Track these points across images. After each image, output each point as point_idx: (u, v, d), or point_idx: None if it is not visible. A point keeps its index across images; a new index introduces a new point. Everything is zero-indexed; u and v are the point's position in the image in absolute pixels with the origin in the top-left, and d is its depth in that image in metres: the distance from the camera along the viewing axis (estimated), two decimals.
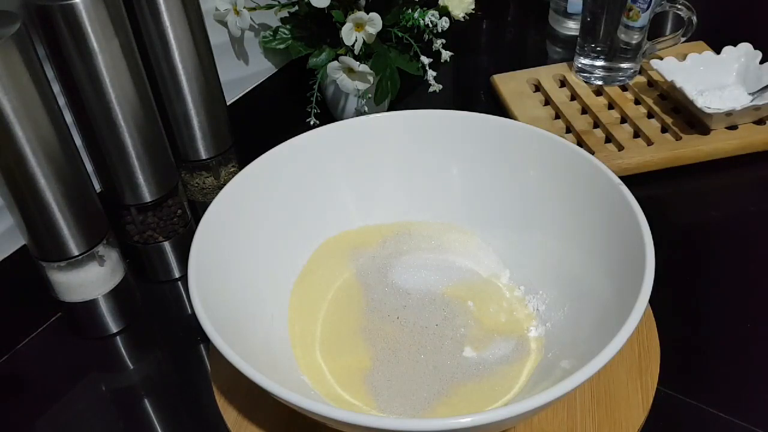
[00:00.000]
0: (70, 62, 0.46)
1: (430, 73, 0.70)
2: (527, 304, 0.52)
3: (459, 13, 0.73)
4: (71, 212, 0.48)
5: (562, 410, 0.45)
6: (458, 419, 0.35)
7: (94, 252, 0.51)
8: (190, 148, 0.60)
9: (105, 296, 0.53)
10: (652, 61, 0.72)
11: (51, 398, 0.51)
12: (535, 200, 0.53)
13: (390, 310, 0.53)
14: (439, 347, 0.49)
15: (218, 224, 0.48)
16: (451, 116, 0.56)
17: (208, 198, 0.62)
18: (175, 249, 0.58)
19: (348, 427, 0.38)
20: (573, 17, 0.88)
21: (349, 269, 0.56)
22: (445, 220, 0.57)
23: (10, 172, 0.45)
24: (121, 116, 0.50)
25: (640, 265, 0.41)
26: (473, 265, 0.55)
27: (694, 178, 0.66)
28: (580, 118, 0.72)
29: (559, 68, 0.79)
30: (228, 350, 0.39)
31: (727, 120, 0.67)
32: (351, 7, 0.66)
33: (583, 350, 0.42)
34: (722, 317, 0.53)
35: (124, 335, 0.55)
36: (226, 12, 0.65)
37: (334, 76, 0.66)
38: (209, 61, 0.57)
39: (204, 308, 0.41)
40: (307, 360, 0.49)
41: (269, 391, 0.37)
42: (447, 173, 0.57)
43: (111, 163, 0.52)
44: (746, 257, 0.58)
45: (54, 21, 0.45)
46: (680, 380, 0.48)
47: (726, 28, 0.86)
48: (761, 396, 0.47)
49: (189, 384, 0.52)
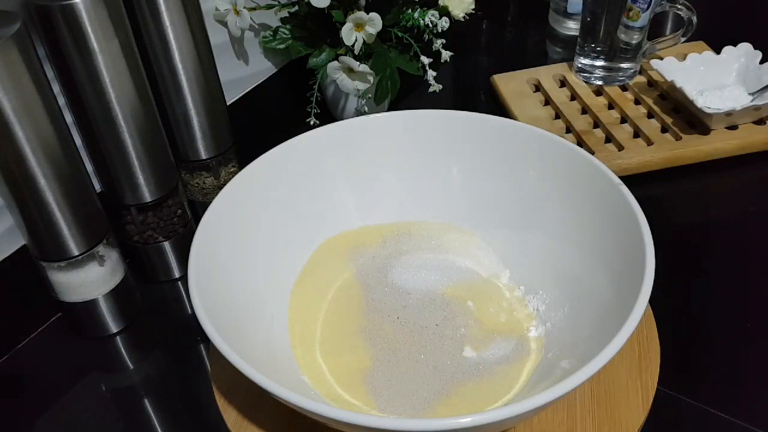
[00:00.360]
0: (70, 62, 0.46)
1: (430, 73, 0.70)
2: (527, 304, 0.52)
3: (459, 13, 0.73)
4: (71, 212, 0.48)
5: (562, 410, 0.45)
6: (458, 419, 0.35)
7: (94, 252, 0.51)
8: (190, 148, 0.60)
9: (105, 296, 0.53)
10: (652, 61, 0.72)
11: (51, 398, 0.51)
12: (535, 200, 0.53)
13: (390, 310, 0.53)
14: (439, 347, 0.49)
15: (218, 224, 0.48)
16: (451, 116, 0.56)
17: (208, 198, 0.62)
18: (175, 249, 0.58)
19: (348, 427, 0.38)
20: (573, 17, 0.88)
21: (349, 269, 0.56)
22: (445, 220, 0.57)
23: (10, 172, 0.45)
24: (121, 116, 0.50)
25: (640, 265, 0.41)
26: (473, 265, 0.55)
27: (694, 178, 0.66)
28: (580, 118, 0.72)
29: (559, 68, 0.79)
30: (228, 350, 0.39)
31: (727, 120, 0.67)
32: (351, 7, 0.66)
33: (583, 350, 0.42)
34: (722, 317, 0.53)
35: (124, 335, 0.55)
36: (226, 12, 0.65)
37: (334, 76, 0.66)
38: (209, 61, 0.57)
39: (204, 308, 0.41)
40: (307, 360, 0.49)
41: (269, 391, 0.37)
42: (447, 173, 0.57)
43: (111, 163, 0.52)
44: (746, 257, 0.58)
45: (54, 21, 0.45)
46: (680, 380, 0.48)
47: (726, 28, 0.86)
48: (761, 396, 0.47)
49: (189, 384, 0.52)
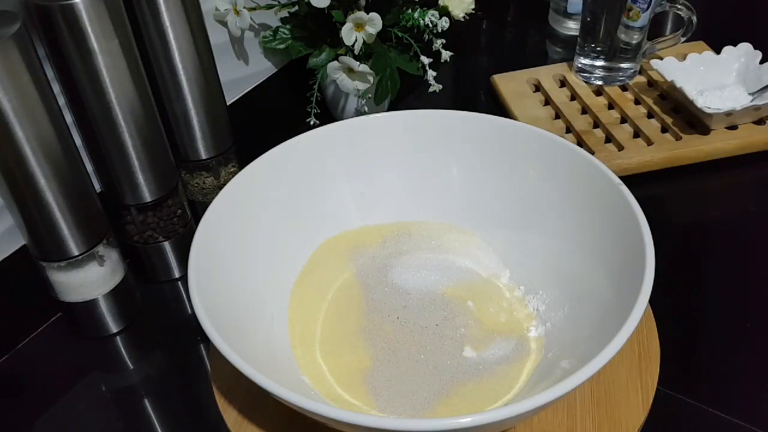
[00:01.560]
0: (70, 62, 0.46)
1: (430, 73, 0.70)
2: (527, 304, 0.52)
3: (459, 13, 0.73)
4: (71, 212, 0.48)
5: (562, 410, 0.45)
6: (458, 419, 0.35)
7: (94, 252, 0.51)
8: (190, 148, 0.60)
9: (105, 296, 0.53)
10: (652, 61, 0.72)
11: (51, 398, 0.51)
12: (535, 200, 0.53)
13: (390, 310, 0.53)
14: (439, 347, 0.49)
15: (218, 224, 0.48)
16: (451, 116, 0.56)
17: (208, 198, 0.62)
18: (175, 249, 0.58)
19: (348, 427, 0.38)
20: (573, 17, 0.88)
21: (349, 269, 0.56)
22: (445, 220, 0.57)
23: (10, 172, 0.45)
24: (121, 116, 0.50)
25: (640, 265, 0.41)
26: (473, 265, 0.55)
27: (694, 178, 0.66)
28: (580, 118, 0.72)
29: (559, 68, 0.79)
30: (228, 350, 0.39)
31: (727, 120, 0.67)
32: (351, 7, 0.66)
33: (583, 350, 0.42)
34: (722, 317, 0.53)
35: (124, 335, 0.55)
36: (226, 12, 0.65)
37: (334, 76, 0.66)
38: (209, 61, 0.57)
39: (204, 308, 0.41)
40: (307, 360, 0.49)
41: (269, 391, 0.37)
42: (447, 173, 0.57)
43: (111, 163, 0.52)
44: (746, 257, 0.58)
45: (54, 21, 0.45)
46: (680, 380, 0.48)
47: (726, 28, 0.86)
48: (761, 396, 0.47)
49: (189, 384, 0.52)
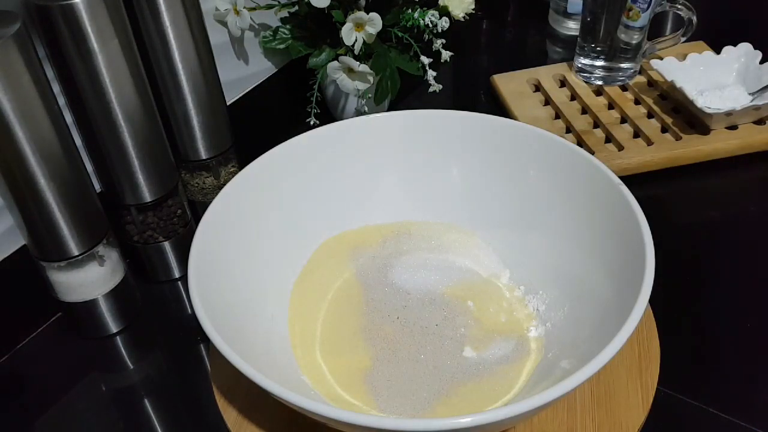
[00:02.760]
0: (70, 62, 0.46)
1: (430, 73, 0.70)
2: (527, 304, 0.52)
3: (459, 13, 0.73)
4: (71, 212, 0.48)
5: (562, 410, 0.45)
6: (458, 419, 0.35)
7: (94, 252, 0.51)
8: (190, 148, 0.60)
9: (105, 296, 0.53)
10: (652, 61, 0.72)
11: (51, 398, 0.51)
12: (535, 200, 0.53)
13: (390, 310, 0.53)
14: (439, 347, 0.49)
15: (218, 224, 0.48)
16: (451, 116, 0.56)
17: (208, 198, 0.62)
18: (175, 249, 0.58)
19: (348, 427, 0.38)
20: (573, 17, 0.88)
21: (349, 269, 0.56)
22: (445, 220, 0.57)
23: (10, 172, 0.45)
24: (121, 116, 0.50)
25: (640, 265, 0.41)
26: (473, 265, 0.55)
27: (694, 178, 0.66)
28: (580, 118, 0.72)
29: (559, 68, 0.79)
30: (228, 350, 0.39)
31: (727, 120, 0.67)
32: (351, 7, 0.66)
33: (583, 350, 0.42)
34: (722, 317, 0.53)
35: (124, 335, 0.55)
36: (226, 12, 0.65)
37: (334, 76, 0.66)
38: (209, 61, 0.57)
39: (204, 308, 0.41)
40: (307, 360, 0.49)
41: (269, 391, 0.37)
42: (447, 173, 0.57)
43: (111, 163, 0.52)
44: (746, 257, 0.58)
45: (54, 21, 0.45)
46: (680, 380, 0.48)
47: (726, 28, 0.86)
48: (761, 396, 0.47)
49: (189, 384, 0.52)
